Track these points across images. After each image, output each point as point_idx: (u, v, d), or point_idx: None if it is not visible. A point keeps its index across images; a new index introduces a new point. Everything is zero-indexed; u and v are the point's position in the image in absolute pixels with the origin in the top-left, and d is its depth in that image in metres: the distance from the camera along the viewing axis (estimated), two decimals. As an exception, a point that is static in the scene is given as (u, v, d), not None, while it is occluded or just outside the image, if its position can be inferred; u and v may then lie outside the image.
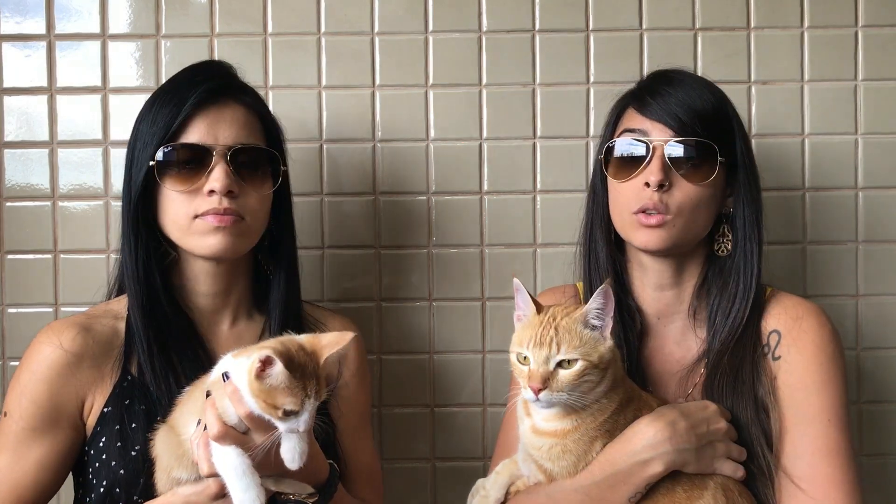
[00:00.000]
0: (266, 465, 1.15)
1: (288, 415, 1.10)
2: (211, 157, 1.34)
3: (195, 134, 1.35)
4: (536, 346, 1.21)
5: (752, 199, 1.42)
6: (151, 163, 1.34)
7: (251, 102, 1.43)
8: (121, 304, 1.42)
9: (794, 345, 1.37)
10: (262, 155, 1.41)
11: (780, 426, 1.34)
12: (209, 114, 1.36)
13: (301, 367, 1.11)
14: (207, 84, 1.38)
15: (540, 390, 1.19)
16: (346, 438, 1.44)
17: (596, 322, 1.24)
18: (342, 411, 1.44)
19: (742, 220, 1.42)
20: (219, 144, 1.35)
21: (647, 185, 1.36)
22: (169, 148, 1.35)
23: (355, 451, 1.46)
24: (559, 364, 1.21)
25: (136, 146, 1.38)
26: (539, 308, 1.27)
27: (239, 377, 1.12)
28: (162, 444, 1.24)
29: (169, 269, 1.41)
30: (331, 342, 1.15)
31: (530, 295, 1.28)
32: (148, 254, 1.37)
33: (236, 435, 1.14)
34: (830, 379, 1.35)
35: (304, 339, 1.17)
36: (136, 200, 1.37)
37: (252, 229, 1.39)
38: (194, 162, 1.35)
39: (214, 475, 1.15)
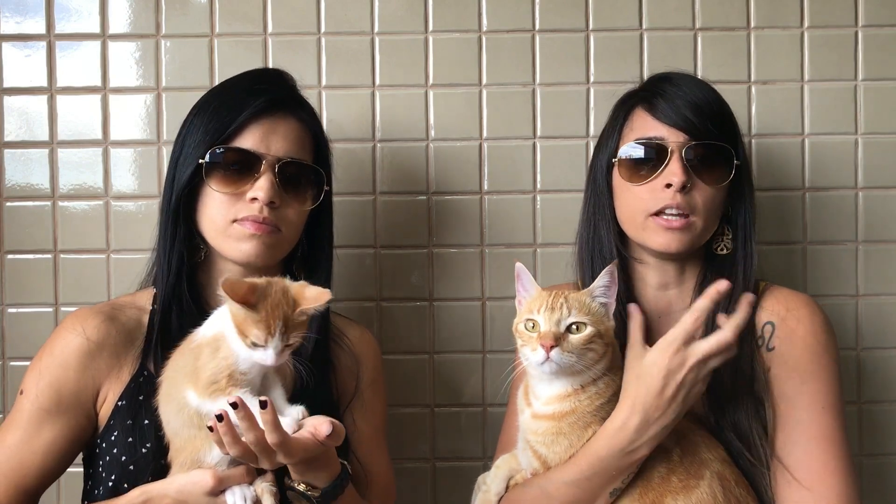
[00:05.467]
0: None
1: (255, 346, 1.16)
2: (260, 165, 1.36)
3: (249, 140, 1.37)
4: (548, 310, 1.24)
5: (752, 200, 1.45)
6: (201, 160, 1.36)
7: (307, 118, 1.45)
8: (146, 297, 1.43)
9: (788, 335, 1.38)
10: (308, 171, 1.43)
11: (774, 416, 1.35)
12: (265, 123, 1.38)
13: (272, 306, 1.17)
14: (269, 95, 1.40)
15: (552, 347, 1.21)
16: (360, 449, 1.44)
17: (602, 299, 1.28)
18: (356, 423, 1.44)
19: (744, 220, 1.43)
20: (269, 154, 1.37)
21: (668, 186, 1.37)
22: (221, 149, 1.37)
23: (369, 463, 1.45)
24: (568, 329, 1.23)
25: (187, 142, 1.39)
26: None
27: (226, 321, 1.18)
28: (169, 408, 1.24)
29: (198, 266, 1.42)
30: (312, 298, 1.21)
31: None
32: (181, 250, 1.39)
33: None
34: (824, 367, 1.36)
35: (293, 285, 1.22)
36: (179, 195, 1.38)
37: (286, 241, 1.41)
38: (243, 167, 1.37)
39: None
